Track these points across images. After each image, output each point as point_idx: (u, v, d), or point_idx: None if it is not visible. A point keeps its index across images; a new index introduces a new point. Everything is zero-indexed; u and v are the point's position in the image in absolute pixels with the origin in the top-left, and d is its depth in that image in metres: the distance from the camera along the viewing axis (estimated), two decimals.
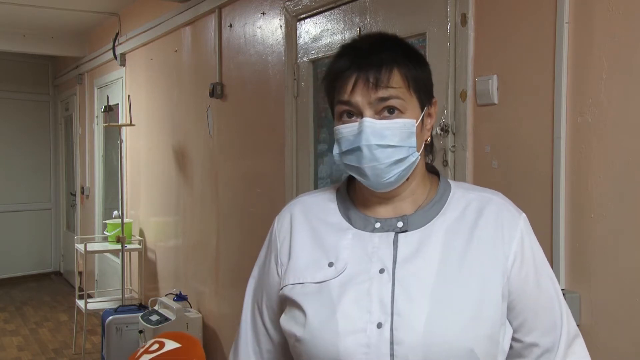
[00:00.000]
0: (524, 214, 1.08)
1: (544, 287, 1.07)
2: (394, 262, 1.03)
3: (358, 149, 1.02)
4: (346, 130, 1.03)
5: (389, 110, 1.01)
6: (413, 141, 1.02)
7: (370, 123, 1.01)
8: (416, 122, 1.03)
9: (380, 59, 1.02)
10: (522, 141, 1.75)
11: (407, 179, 1.07)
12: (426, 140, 1.08)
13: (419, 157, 1.06)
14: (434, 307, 0.98)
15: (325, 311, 1.02)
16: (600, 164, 1.55)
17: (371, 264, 1.03)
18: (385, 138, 1.01)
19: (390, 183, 1.05)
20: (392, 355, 0.97)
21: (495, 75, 1.81)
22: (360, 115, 1.02)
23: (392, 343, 0.98)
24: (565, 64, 1.62)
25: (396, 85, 1.01)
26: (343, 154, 1.05)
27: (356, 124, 1.02)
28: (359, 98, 1.01)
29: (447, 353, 0.97)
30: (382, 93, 1.01)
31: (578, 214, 1.61)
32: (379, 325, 0.99)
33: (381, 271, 1.02)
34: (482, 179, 1.86)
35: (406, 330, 0.98)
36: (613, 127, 1.52)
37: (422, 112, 1.05)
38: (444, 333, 0.97)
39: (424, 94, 1.06)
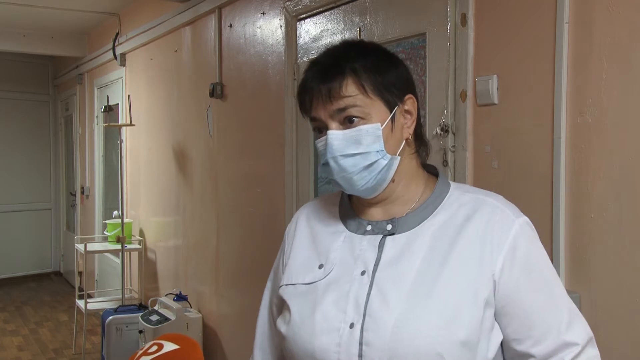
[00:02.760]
0: (523, 218, 1.05)
1: (538, 294, 1.02)
2: (376, 264, 1.03)
3: (327, 162, 1.04)
4: (320, 144, 1.06)
5: (349, 120, 1.02)
6: (379, 145, 1.02)
7: (333, 135, 1.03)
8: (382, 125, 1.03)
9: (334, 71, 1.03)
10: (522, 141, 1.75)
11: (393, 181, 1.07)
12: (407, 139, 1.07)
13: (398, 158, 1.05)
14: (405, 310, 0.97)
15: (307, 310, 1.05)
16: (600, 164, 1.55)
17: (355, 266, 1.05)
18: (349, 147, 1.02)
19: (369, 189, 1.05)
20: (360, 355, 0.98)
21: (495, 75, 1.81)
22: (327, 128, 1.04)
23: (361, 344, 0.98)
24: (565, 64, 1.61)
25: (351, 94, 1.02)
26: (322, 167, 1.07)
27: (324, 137, 1.04)
28: (321, 112, 1.04)
29: (414, 357, 0.95)
30: (337, 104, 1.02)
31: (578, 214, 1.60)
32: (352, 326, 1.00)
33: (362, 273, 1.04)
34: (482, 179, 1.86)
35: (375, 332, 0.98)
36: (613, 127, 1.52)
37: (390, 113, 1.04)
38: (412, 336, 0.96)
39: (391, 94, 1.04)
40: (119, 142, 4.86)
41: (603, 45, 1.54)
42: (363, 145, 1.02)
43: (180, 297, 3.93)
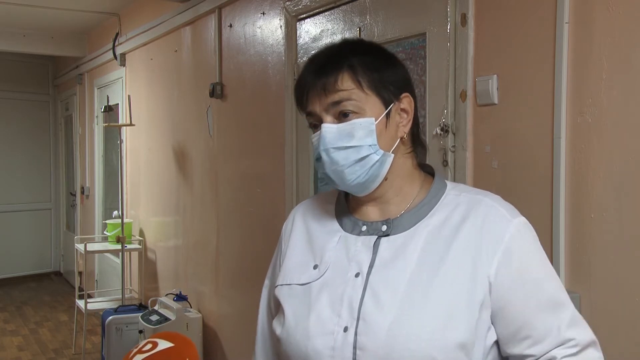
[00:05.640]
0: (519, 218, 1.03)
1: (536, 295, 1.00)
2: (371, 266, 1.03)
3: (319, 156, 1.04)
4: (314, 139, 1.05)
5: (343, 114, 1.02)
6: (372, 139, 1.01)
7: (326, 128, 1.02)
8: (376, 120, 1.02)
9: (331, 65, 1.03)
10: (522, 141, 1.75)
11: (387, 179, 1.06)
12: (402, 137, 1.06)
13: (391, 155, 1.04)
14: (399, 314, 0.97)
15: (301, 312, 1.04)
16: (600, 164, 1.55)
17: (349, 268, 1.04)
18: (341, 140, 1.02)
19: (360, 184, 1.04)
20: None
21: (495, 75, 1.81)
22: (322, 123, 1.03)
23: (355, 348, 0.97)
24: (565, 64, 1.62)
25: (347, 88, 1.01)
26: (315, 162, 1.07)
27: (319, 132, 1.04)
28: (316, 106, 1.04)
29: None
30: (332, 97, 1.02)
31: (578, 214, 1.60)
32: (345, 329, 0.99)
33: (356, 275, 1.03)
34: (482, 179, 1.86)
35: (369, 336, 0.97)
36: (613, 127, 1.52)
37: (386, 109, 1.03)
38: (406, 341, 0.95)
39: (387, 91, 1.04)
40: (119, 142, 4.86)
41: (603, 45, 1.54)
42: (355, 138, 1.01)
43: (180, 297, 3.93)
